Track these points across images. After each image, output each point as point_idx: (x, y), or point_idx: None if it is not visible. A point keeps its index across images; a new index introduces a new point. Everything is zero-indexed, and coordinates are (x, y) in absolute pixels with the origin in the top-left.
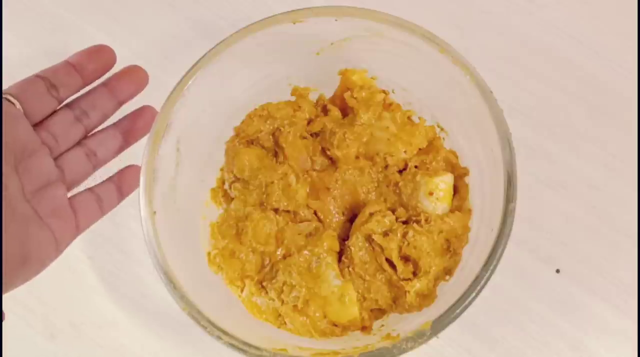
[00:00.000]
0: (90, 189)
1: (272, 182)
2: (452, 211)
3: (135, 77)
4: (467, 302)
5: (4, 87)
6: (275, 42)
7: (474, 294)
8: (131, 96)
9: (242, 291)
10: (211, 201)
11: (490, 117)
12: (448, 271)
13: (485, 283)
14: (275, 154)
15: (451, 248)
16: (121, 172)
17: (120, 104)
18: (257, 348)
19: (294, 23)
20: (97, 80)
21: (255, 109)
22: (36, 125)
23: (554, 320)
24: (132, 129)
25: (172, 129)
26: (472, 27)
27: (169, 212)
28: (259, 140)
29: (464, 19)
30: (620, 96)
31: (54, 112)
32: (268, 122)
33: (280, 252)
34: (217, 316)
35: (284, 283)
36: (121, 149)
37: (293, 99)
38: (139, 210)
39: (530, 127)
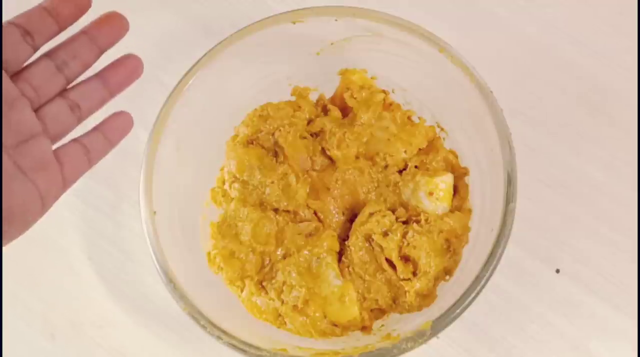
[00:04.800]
0: (75, 140)
1: (272, 182)
2: (452, 210)
3: (116, 24)
4: (467, 302)
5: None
6: (275, 42)
7: (474, 294)
8: (112, 43)
9: (242, 291)
10: (211, 201)
11: (490, 117)
12: (448, 271)
13: (485, 283)
14: (275, 154)
15: (451, 248)
16: (108, 120)
17: (101, 52)
18: (257, 348)
19: (294, 23)
20: (74, 28)
21: (255, 109)
22: (14, 76)
23: (554, 320)
24: (115, 79)
25: (172, 129)
26: (472, 27)
27: (169, 212)
28: (259, 140)
29: (464, 19)
30: (620, 96)
31: (33, 62)
32: (268, 122)
33: (280, 252)
34: (217, 316)
35: (284, 283)
36: (105, 100)
37: (293, 99)
38: (139, 210)
39: (530, 127)
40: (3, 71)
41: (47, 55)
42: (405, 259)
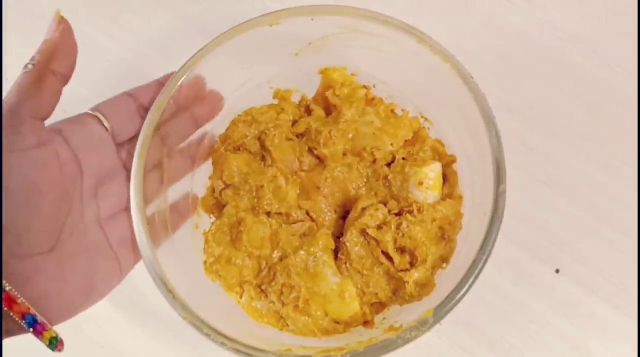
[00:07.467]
0: None
1: (262, 186)
2: (443, 198)
3: (213, 102)
4: (466, 287)
5: (4, 88)
6: (253, 46)
7: (472, 278)
8: (208, 120)
9: (241, 297)
10: (202, 210)
11: (474, 101)
12: (444, 258)
13: (483, 267)
14: (263, 158)
15: (445, 235)
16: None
17: (198, 127)
18: (263, 351)
19: (271, 25)
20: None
21: (239, 115)
22: (118, 145)
23: (553, 320)
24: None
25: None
26: (471, 27)
27: (161, 222)
28: (245, 145)
29: (463, 19)
30: (620, 96)
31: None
32: (252, 126)
33: (276, 254)
34: (219, 322)
35: (283, 285)
36: (188, 170)
37: (275, 102)
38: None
39: (529, 127)
40: (112, 143)
41: (155, 128)
42: (401, 250)
